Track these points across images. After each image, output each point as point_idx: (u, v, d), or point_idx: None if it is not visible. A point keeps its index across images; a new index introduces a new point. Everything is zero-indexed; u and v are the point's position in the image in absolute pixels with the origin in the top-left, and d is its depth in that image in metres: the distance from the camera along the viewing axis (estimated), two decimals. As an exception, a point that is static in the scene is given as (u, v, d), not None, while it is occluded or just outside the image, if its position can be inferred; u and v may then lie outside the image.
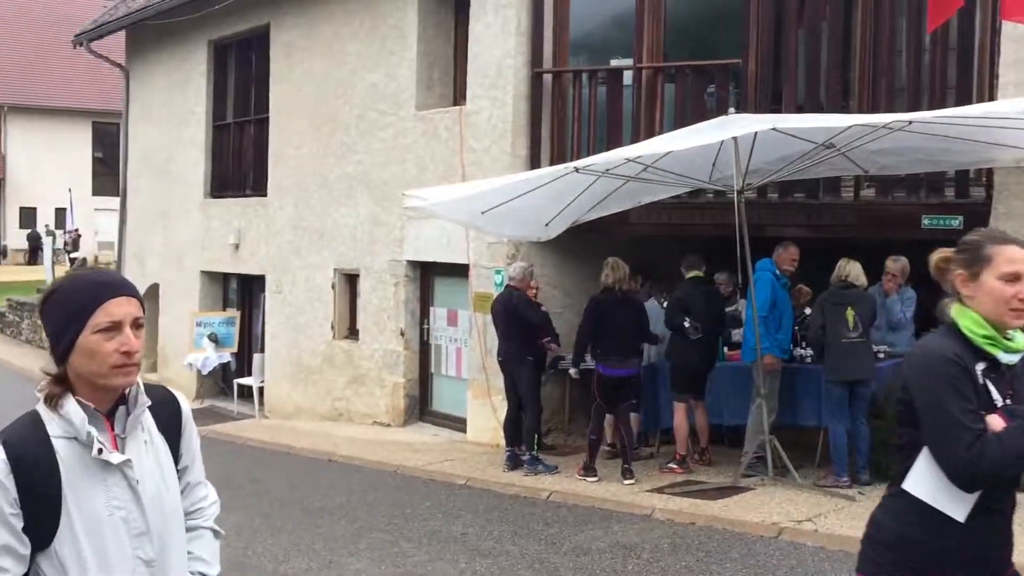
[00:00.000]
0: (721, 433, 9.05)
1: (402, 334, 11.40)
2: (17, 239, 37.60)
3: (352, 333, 12.32)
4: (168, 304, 15.63)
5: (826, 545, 6.29)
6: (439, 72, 11.29)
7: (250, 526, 7.32)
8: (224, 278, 14.94)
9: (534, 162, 9.75)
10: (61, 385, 2.16)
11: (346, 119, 12.07)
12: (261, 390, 13.23)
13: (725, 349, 9.07)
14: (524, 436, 8.83)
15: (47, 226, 34.77)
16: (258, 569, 6.25)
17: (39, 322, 18.29)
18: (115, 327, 2.12)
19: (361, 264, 11.92)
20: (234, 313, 14.34)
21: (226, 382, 14.27)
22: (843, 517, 6.75)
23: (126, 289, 2.21)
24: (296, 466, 9.81)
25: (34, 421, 2.15)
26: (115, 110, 22.29)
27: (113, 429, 2.19)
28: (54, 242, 27.34)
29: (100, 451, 2.11)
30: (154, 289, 16.07)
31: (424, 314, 11.49)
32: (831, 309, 7.66)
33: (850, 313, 7.55)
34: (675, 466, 8.39)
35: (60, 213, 35.50)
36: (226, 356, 13.83)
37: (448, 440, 10.59)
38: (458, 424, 10.83)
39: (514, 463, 8.85)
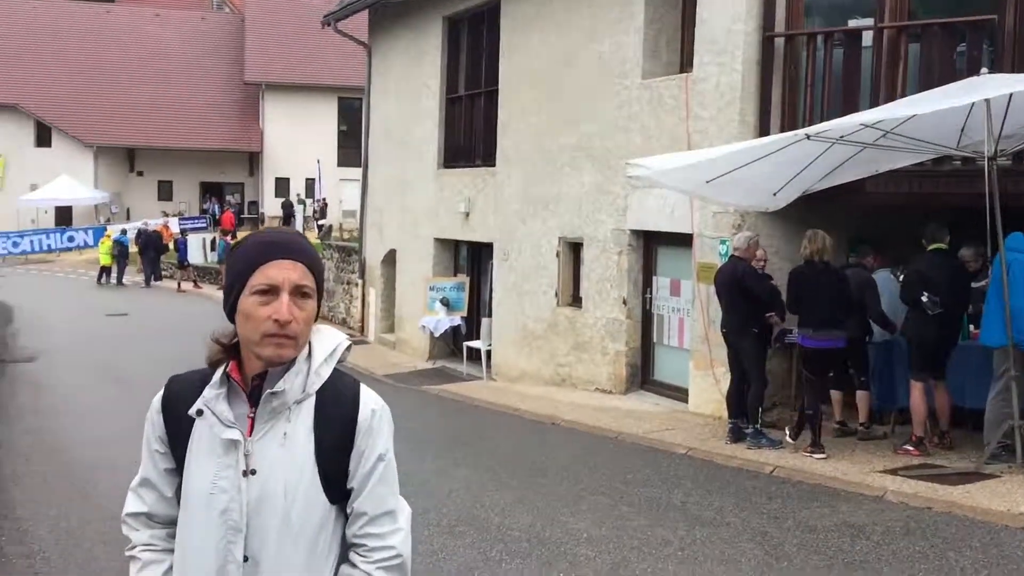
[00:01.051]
0: (964, 415, 8.51)
1: (624, 303, 11.49)
2: (273, 207, 40.88)
3: (575, 301, 12.56)
4: (404, 269, 16.55)
5: (1081, 541, 5.82)
6: (666, 39, 11.18)
7: (479, 480, 7.71)
8: (455, 245, 15.62)
9: (763, 130, 9.48)
10: (225, 350, 2.01)
11: (572, 89, 12.23)
12: (489, 353, 13.77)
13: (971, 327, 8.49)
14: (748, 409, 8.71)
15: (298, 195, 37.67)
16: (486, 521, 6.59)
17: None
18: (272, 291, 1.91)
19: (585, 233, 12.09)
20: (464, 279, 14.98)
21: (456, 344, 14.97)
22: (1103, 512, 6.20)
23: (293, 253, 1.95)
24: (521, 427, 10.18)
25: (205, 375, 2.03)
26: (358, 86, 23.64)
27: (254, 408, 1.97)
28: (304, 210, 29.56)
29: (199, 413, 1.96)
30: (392, 254, 17.08)
31: (647, 283, 11.51)
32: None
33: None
34: (911, 448, 8.00)
35: (309, 183, 38.32)
36: (456, 320, 14.51)
37: (669, 410, 10.61)
38: (679, 394, 10.81)
39: (736, 436, 8.75)
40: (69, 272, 32.25)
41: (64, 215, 40.64)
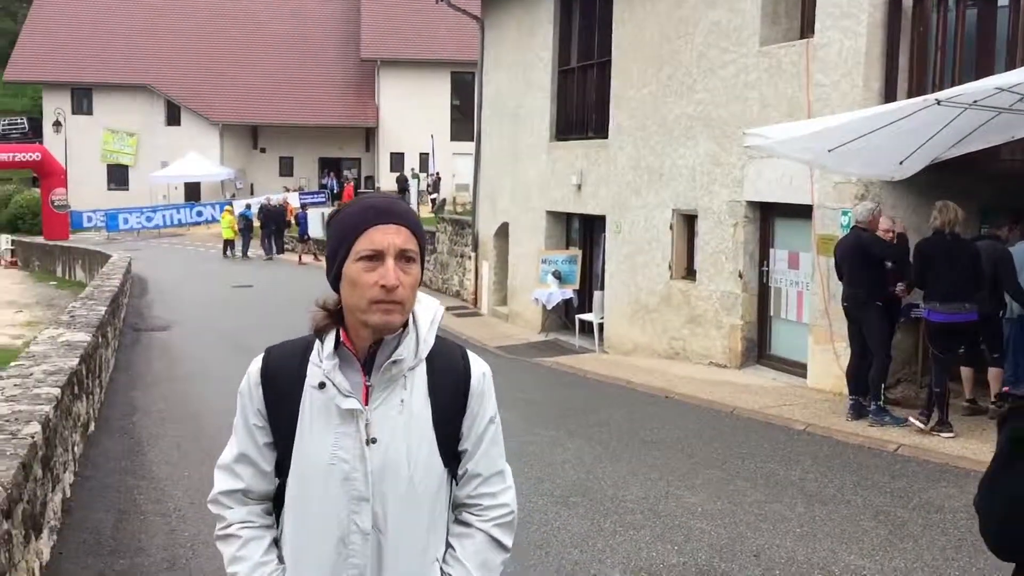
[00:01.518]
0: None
1: (740, 276, 11.28)
2: (388, 181, 41.66)
3: (689, 274, 12.40)
4: (517, 241, 16.65)
5: None
6: (784, 5, 10.85)
7: (592, 452, 7.75)
8: (567, 218, 15.62)
9: (889, 96, 9.11)
10: (331, 316, 1.97)
11: (686, 58, 12.01)
12: (601, 326, 13.76)
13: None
14: (870, 385, 8.45)
15: (412, 169, 38.29)
16: (599, 493, 6.63)
17: (427, 268, 19.77)
18: (377, 256, 1.88)
19: (699, 204, 11.90)
20: (576, 252, 14.98)
21: (568, 317, 15.01)
22: None
23: (397, 216, 1.91)
24: (633, 400, 10.16)
25: (307, 343, 2.00)
26: (471, 60, 23.82)
27: (367, 376, 1.95)
28: (418, 184, 30.03)
29: (322, 385, 1.92)
30: (504, 227, 17.20)
31: (763, 256, 11.27)
32: None
33: None
34: (1045, 427, 7.61)
35: (423, 157, 38.85)
36: (568, 292, 14.54)
37: (787, 384, 10.39)
38: (797, 369, 10.58)
39: (858, 412, 8.52)
40: (198, 245, 33.71)
41: (193, 191, 42.44)
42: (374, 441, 1.91)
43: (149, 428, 8.61)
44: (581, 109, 15.08)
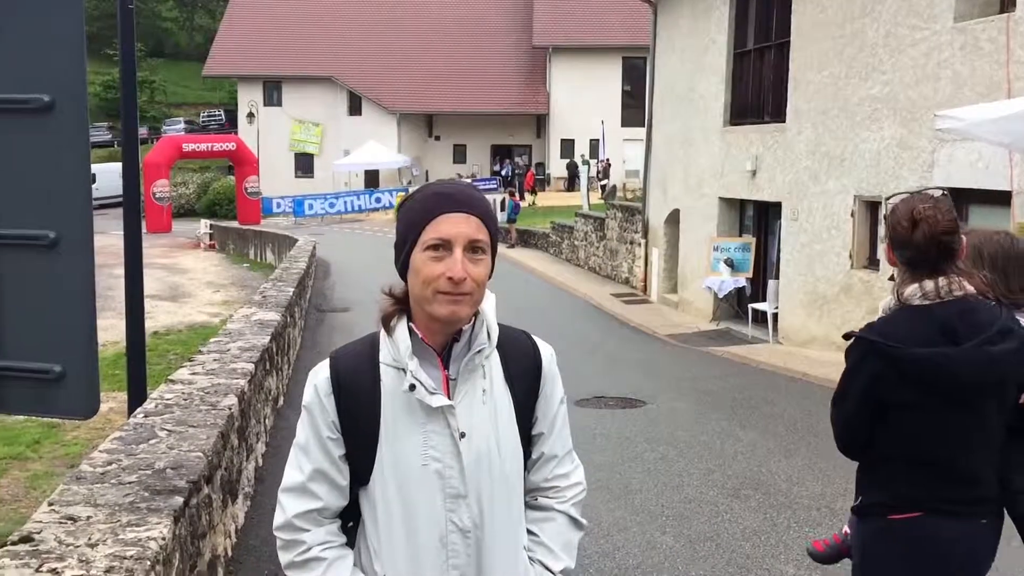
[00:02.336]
0: None
1: (928, 265, 10.68)
2: (558, 168, 41.93)
3: (872, 263, 11.85)
4: (688, 229, 16.41)
5: None
6: (984, -24, 10.15)
7: (764, 445, 7.57)
8: (740, 204, 15.24)
9: (1103, 71, 8.39)
10: (398, 305, 1.91)
11: (872, 38, 11.44)
12: (775, 316, 13.38)
13: None
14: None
15: (582, 156, 38.37)
16: (772, 486, 6.47)
17: (576, 243, 20.34)
18: (444, 246, 1.80)
19: (884, 191, 11.34)
20: (750, 239, 14.60)
21: (741, 306, 14.67)
22: None
23: (467, 204, 1.83)
24: (810, 393, 9.83)
25: (371, 342, 1.93)
26: (642, 44, 23.58)
27: (446, 369, 1.88)
28: (588, 171, 30.07)
29: (412, 387, 1.82)
30: (675, 214, 16.98)
31: (954, 245, 10.62)
32: None
33: None
34: None
35: (593, 144, 38.86)
36: (741, 281, 14.21)
37: (977, 382, 9.78)
38: (990, 365, 9.93)
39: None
40: (376, 230, 35.07)
41: (372, 177, 44.20)
42: (463, 435, 1.85)
43: (332, 404, 9.05)
44: (757, 92, 14.65)
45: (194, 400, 4.97)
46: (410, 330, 1.87)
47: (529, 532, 2.00)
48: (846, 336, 2.86)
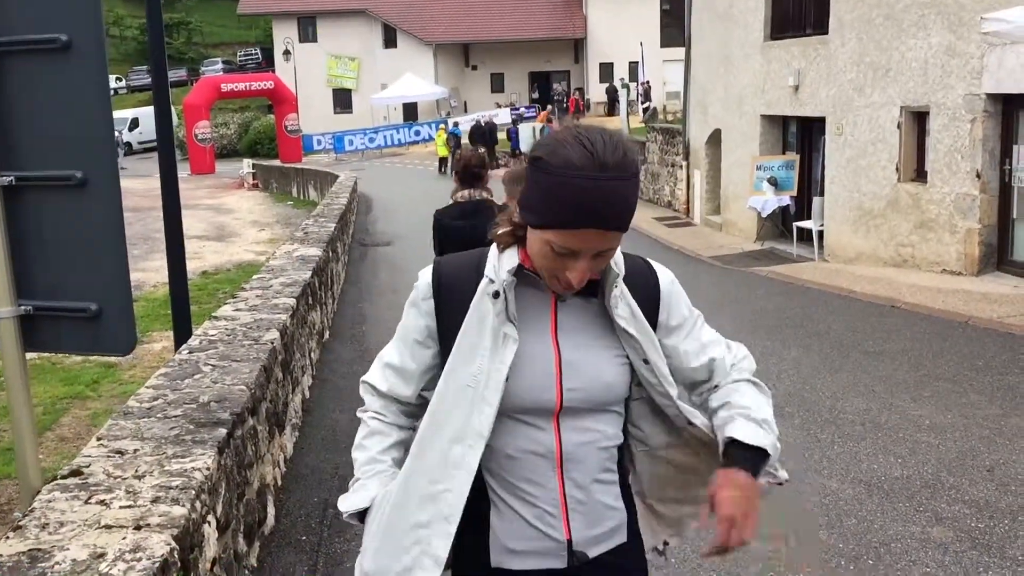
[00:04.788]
0: None
1: (978, 176, 10.39)
2: (597, 92, 41.29)
3: (919, 175, 11.56)
4: (729, 149, 16.11)
5: None
6: None
7: (809, 363, 7.52)
8: (783, 121, 14.90)
9: None
10: (515, 233, 1.78)
11: (919, -61, 10.97)
12: (820, 234, 13.17)
13: None
14: None
15: (622, 79, 37.70)
16: (817, 404, 6.45)
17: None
18: (570, 254, 1.65)
19: (931, 100, 11.00)
20: (793, 156, 14.30)
21: (785, 225, 14.45)
22: None
23: (609, 221, 1.61)
24: (855, 310, 9.71)
25: (481, 254, 1.84)
26: (679, -40, 22.90)
27: (556, 302, 1.79)
28: (628, 94, 29.53)
29: (496, 295, 1.73)
30: (716, 134, 16.67)
31: (1005, 153, 10.30)
32: None
33: None
34: None
35: (632, 67, 38.14)
36: (785, 199, 13.97)
37: (1030, 293, 9.58)
38: (1043, 276, 9.72)
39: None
40: (416, 163, 35.03)
41: (410, 111, 44.00)
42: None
43: (377, 336, 9.17)
44: (798, 4, 14.18)
45: (237, 335, 5.06)
46: (521, 262, 1.75)
47: (715, 412, 1.88)
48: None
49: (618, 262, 1.78)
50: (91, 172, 2.83)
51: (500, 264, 1.76)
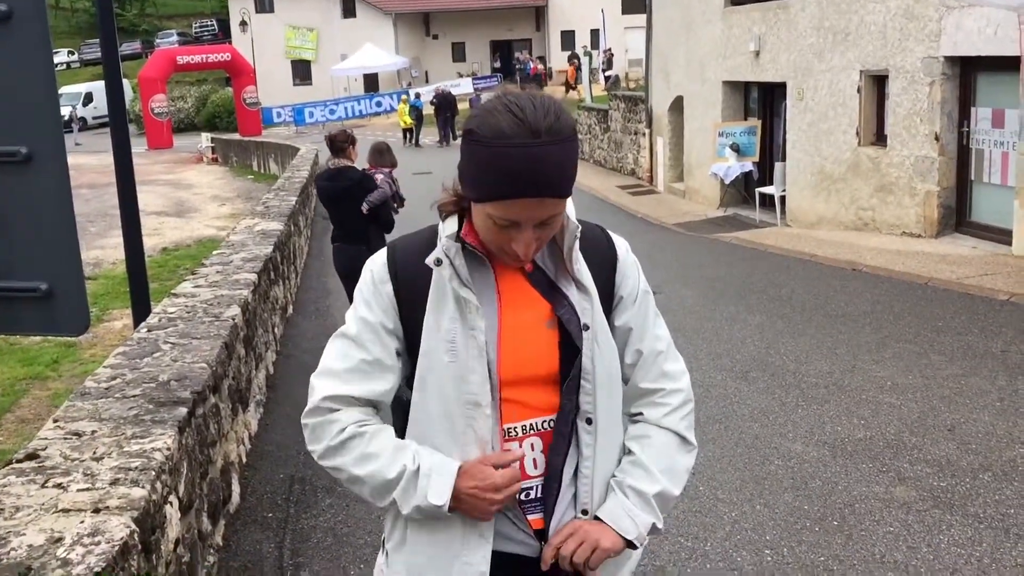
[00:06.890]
0: None
1: (937, 138, 10.49)
2: (559, 61, 41.05)
3: (879, 139, 11.65)
4: (692, 115, 16.12)
5: None
6: None
7: (772, 327, 7.58)
8: (745, 87, 14.92)
9: (1117, -78, 8.03)
10: (458, 204, 1.73)
11: (877, -99, 10.97)
12: (783, 199, 13.25)
13: None
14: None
15: (584, 47, 37.54)
16: (780, 368, 6.50)
17: (580, 136, 20.00)
18: (512, 225, 1.61)
19: (890, 64, 11.05)
20: (755, 122, 14.34)
21: (748, 191, 14.52)
22: None
23: (545, 187, 1.56)
24: (817, 273, 9.80)
25: (432, 231, 1.78)
26: (639, -75, 22.71)
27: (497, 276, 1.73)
28: (590, 62, 29.41)
29: (438, 262, 1.68)
30: (678, 101, 16.66)
31: (963, 115, 10.39)
32: None
33: None
34: None
35: (594, 34, 37.95)
36: (748, 165, 14.02)
37: (989, 253, 9.71)
38: (1001, 236, 9.84)
39: (1069, 281, 7.90)
40: (379, 134, 34.70)
41: (371, 82, 43.52)
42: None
43: (341, 309, 9.10)
44: (759, -32, 14.16)
45: (197, 312, 4.98)
46: (462, 233, 1.70)
47: (627, 452, 1.81)
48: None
49: (570, 218, 1.70)
50: (36, 147, 2.74)
51: (442, 231, 1.72)
